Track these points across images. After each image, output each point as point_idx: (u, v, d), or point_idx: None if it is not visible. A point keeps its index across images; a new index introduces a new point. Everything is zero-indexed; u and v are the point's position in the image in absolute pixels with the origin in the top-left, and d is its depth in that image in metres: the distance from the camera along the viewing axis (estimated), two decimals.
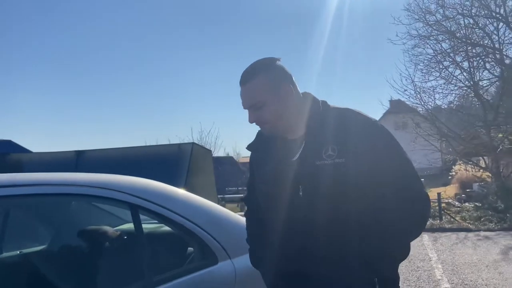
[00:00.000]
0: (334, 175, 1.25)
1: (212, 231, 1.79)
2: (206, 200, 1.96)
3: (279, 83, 1.33)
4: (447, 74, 14.47)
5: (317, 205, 1.27)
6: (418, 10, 14.77)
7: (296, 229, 1.31)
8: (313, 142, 1.32)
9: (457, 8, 14.27)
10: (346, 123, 1.31)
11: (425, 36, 14.99)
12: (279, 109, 1.33)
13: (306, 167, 1.30)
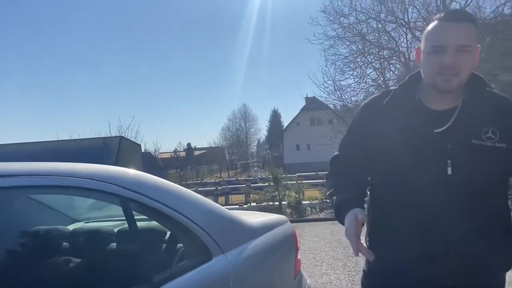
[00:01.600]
0: (492, 160, 1.18)
1: (205, 226, 1.63)
2: (195, 192, 1.78)
3: (478, 42, 1.23)
4: (360, 72, 15.57)
5: (467, 188, 1.18)
6: (333, 12, 15.68)
7: (437, 209, 1.20)
8: (469, 118, 1.22)
9: (368, 12, 15.44)
10: (510, 109, 1.24)
11: (340, 38, 15.99)
12: (472, 66, 1.23)
13: (458, 143, 1.20)
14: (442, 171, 1.18)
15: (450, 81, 1.19)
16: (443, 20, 1.21)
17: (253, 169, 45.52)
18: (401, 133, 1.26)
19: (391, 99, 1.34)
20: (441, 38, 1.19)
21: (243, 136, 65.25)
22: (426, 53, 1.24)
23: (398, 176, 1.26)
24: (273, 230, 2.08)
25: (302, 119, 39.66)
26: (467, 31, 1.19)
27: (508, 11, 14.71)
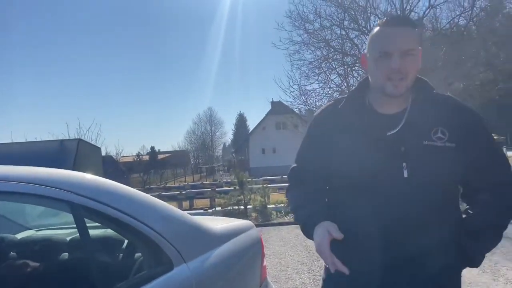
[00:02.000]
0: (444, 159, 1.20)
1: (165, 233, 1.53)
2: (155, 198, 1.68)
3: (420, 43, 1.27)
4: (324, 78, 15.83)
5: (422, 189, 1.19)
6: (298, 18, 15.88)
7: (394, 212, 1.20)
8: (419, 119, 1.24)
9: (332, 19, 15.75)
10: (457, 110, 1.27)
11: (305, 43, 16.22)
12: (418, 68, 1.26)
13: (411, 145, 1.22)
14: (399, 174, 1.20)
15: (398, 86, 1.22)
16: (386, 25, 1.24)
17: (218, 173, 45.17)
18: (355, 138, 1.27)
19: (345, 104, 1.36)
20: (386, 44, 1.22)
21: (208, 139, 64.75)
22: (373, 59, 1.26)
23: (356, 182, 1.25)
24: (239, 236, 2.00)
25: (268, 123, 39.86)
26: (410, 35, 1.22)
27: (463, 22, 15.51)
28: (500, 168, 1.28)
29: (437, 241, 1.21)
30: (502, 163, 1.29)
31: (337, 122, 1.34)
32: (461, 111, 1.27)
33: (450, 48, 13.93)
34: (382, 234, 1.21)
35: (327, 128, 1.36)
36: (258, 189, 10.28)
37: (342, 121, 1.32)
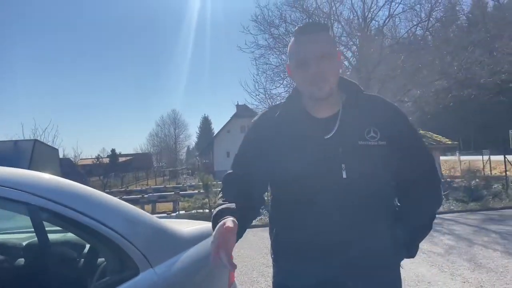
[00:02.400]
0: (378, 157, 1.25)
1: (130, 237, 1.47)
2: (118, 199, 1.61)
3: (336, 46, 1.34)
4: (289, 82, 16.00)
5: (361, 188, 1.23)
6: (264, 22, 16.01)
7: (334, 211, 1.22)
8: (352, 121, 1.29)
9: (297, 24, 15.98)
10: (384, 109, 1.34)
11: (269, 47, 16.36)
12: (337, 70, 1.32)
13: (347, 146, 1.26)
14: (338, 176, 1.23)
15: (322, 88, 1.27)
16: (299, 34, 1.31)
17: (182, 176, 44.51)
18: (294, 143, 1.30)
19: (282, 111, 1.38)
20: (301, 52, 1.27)
21: (172, 142, 63.77)
22: (294, 68, 1.32)
23: (298, 186, 1.27)
24: (206, 240, 1.95)
25: (233, 127, 39.77)
26: (323, 40, 1.28)
27: (420, 32, 16.23)
28: (426, 163, 1.37)
29: (376, 234, 1.27)
30: (427, 158, 1.37)
31: (275, 129, 1.35)
32: (389, 110, 1.35)
33: (408, 56, 14.53)
34: (323, 233, 1.24)
35: (266, 134, 1.37)
36: None
37: (280, 128, 1.35)
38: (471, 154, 26.01)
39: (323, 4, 15.92)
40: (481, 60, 14.68)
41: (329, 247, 1.24)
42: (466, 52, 14.76)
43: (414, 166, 1.32)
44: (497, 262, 4.96)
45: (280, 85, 16.15)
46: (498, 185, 11.27)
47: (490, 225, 7.27)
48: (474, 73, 14.64)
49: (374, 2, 15.73)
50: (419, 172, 1.33)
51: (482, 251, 5.49)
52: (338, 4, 15.90)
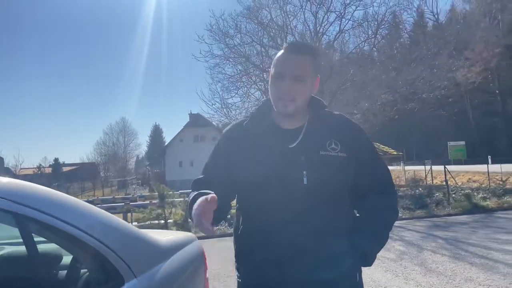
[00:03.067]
0: (338, 167, 1.34)
1: (115, 246, 1.45)
2: (98, 208, 1.58)
3: (317, 72, 1.43)
4: (245, 91, 16.15)
5: (320, 194, 1.31)
6: (219, 32, 16.05)
7: (295, 215, 1.29)
8: (315, 133, 1.40)
9: (252, 36, 16.22)
10: (344, 124, 1.45)
11: (224, 57, 16.43)
12: (308, 94, 1.41)
13: (309, 155, 1.34)
14: (299, 182, 1.31)
15: (287, 106, 1.36)
16: (286, 51, 1.38)
17: (131, 186, 43.08)
18: (260, 151, 1.38)
19: (250, 121, 1.47)
20: (281, 67, 1.36)
21: (121, 151, 61.65)
22: (271, 78, 1.41)
23: (262, 191, 1.35)
24: (184, 249, 1.95)
25: (186, 136, 39.27)
26: (303, 64, 1.36)
27: (367, 48, 17.11)
28: (383, 176, 1.47)
29: (334, 241, 1.33)
30: (384, 172, 1.48)
31: (244, 138, 1.44)
32: (349, 126, 1.46)
33: (356, 70, 15.24)
34: (285, 234, 1.30)
35: (235, 142, 1.45)
36: (180, 202, 10.04)
37: (249, 137, 1.43)
38: (414, 164, 27.61)
39: (277, 17, 16.30)
40: (423, 76, 15.67)
41: (288, 251, 1.30)
42: (409, 68, 15.73)
43: (372, 178, 1.42)
44: (446, 266, 5.31)
45: (235, 94, 16.26)
46: (439, 193, 12.05)
47: (437, 231, 7.76)
48: (416, 88, 15.64)
49: (325, 17, 16.35)
50: (376, 184, 1.43)
51: (431, 256, 5.85)
52: (291, 18, 16.36)
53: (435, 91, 15.68)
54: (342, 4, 15.77)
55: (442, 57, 17.07)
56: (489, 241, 6.59)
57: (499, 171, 15.44)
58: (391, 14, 17.48)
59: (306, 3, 15.98)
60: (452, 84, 20.01)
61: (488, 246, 6.25)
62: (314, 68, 1.39)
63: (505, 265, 5.11)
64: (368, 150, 1.45)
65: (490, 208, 10.27)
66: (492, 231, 7.56)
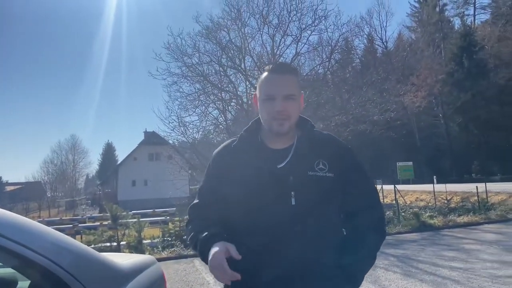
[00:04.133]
0: (326, 188, 1.35)
1: (74, 271, 1.39)
2: (56, 230, 1.51)
3: (301, 90, 1.47)
4: (202, 110, 16.11)
5: (308, 214, 1.32)
6: (177, 50, 15.99)
7: (283, 236, 1.30)
8: (304, 154, 1.41)
9: (211, 55, 16.32)
10: (333, 144, 1.47)
11: (182, 76, 16.36)
12: (298, 111, 1.45)
13: (298, 175, 1.35)
14: (287, 202, 1.32)
15: (283, 124, 1.39)
16: (271, 72, 1.43)
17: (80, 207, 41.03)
18: (249, 171, 1.39)
19: (239, 142, 1.49)
20: (271, 89, 1.40)
21: (70, 170, 58.74)
22: (261, 101, 1.44)
23: (251, 212, 1.35)
24: (144, 272, 1.90)
25: (140, 154, 38.22)
26: (291, 82, 1.41)
27: (321, 71, 17.77)
28: (371, 197, 1.48)
29: (321, 260, 1.33)
30: (372, 193, 1.50)
31: (233, 159, 1.46)
32: (338, 146, 1.48)
33: (311, 92, 15.74)
34: (273, 253, 1.30)
35: (224, 164, 1.48)
36: (133, 223, 9.69)
37: (237, 158, 1.45)
38: None
39: (236, 38, 16.56)
40: (373, 99, 16.45)
41: (277, 273, 1.29)
42: (361, 91, 16.48)
43: (359, 198, 1.43)
44: (398, 283, 5.49)
45: (193, 113, 16.18)
46: (390, 212, 12.52)
47: (389, 249, 8.01)
48: (368, 110, 16.36)
49: (282, 40, 16.84)
50: (363, 205, 1.44)
51: (384, 274, 6.03)
52: (250, 40, 16.69)
53: (385, 113, 16.48)
54: (298, 29, 16.36)
55: (390, 82, 18.08)
56: (437, 258, 6.91)
57: (444, 190, 16.34)
58: (343, 40, 18.36)
59: (264, 26, 16.41)
60: (400, 108, 21.21)
61: (436, 263, 6.55)
62: (299, 85, 1.45)
63: (452, 281, 5.37)
64: (355, 170, 1.45)
65: (436, 226, 10.79)
66: (439, 248, 7.93)
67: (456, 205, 13.55)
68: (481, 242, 8.21)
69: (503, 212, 11.98)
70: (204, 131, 16.72)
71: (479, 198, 13.29)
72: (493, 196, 15.14)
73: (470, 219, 11.39)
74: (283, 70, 1.43)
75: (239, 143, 1.49)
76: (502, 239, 8.53)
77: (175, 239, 9.81)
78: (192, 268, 7.41)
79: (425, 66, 36.64)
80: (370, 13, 43.69)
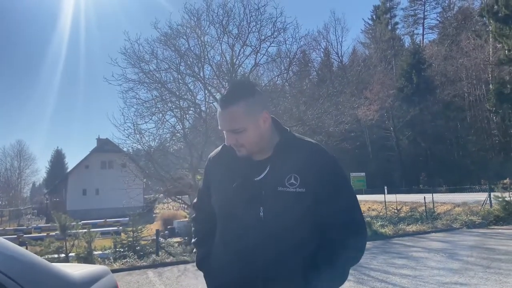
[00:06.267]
0: (294, 203, 1.34)
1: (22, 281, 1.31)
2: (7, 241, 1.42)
3: (259, 111, 1.38)
4: (160, 117, 15.78)
5: (275, 228, 1.33)
6: (134, 56, 15.59)
7: (252, 246, 1.34)
8: (277, 168, 1.39)
9: (169, 62, 16.08)
10: (310, 156, 1.40)
11: (139, 82, 15.98)
12: (257, 135, 1.39)
13: (268, 190, 1.37)
14: (256, 215, 1.35)
15: (240, 151, 1.40)
16: (219, 106, 1.41)
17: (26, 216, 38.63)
18: (229, 181, 1.42)
19: (221, 151, 1.54)
20: (220, 124, 1.42)
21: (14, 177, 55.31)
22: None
23: (225, 218, 1.44)
24: (97, 283, 1.82)
25: (92, 162, 36.75)
26: (234, 115, 1.35)
27: (279, 82, 18.07)
28: (348, 209, 1.40)
29: (287, 274, 1.33)
30: (348, 206, 1.40)
31: (219, 166, 1.51)
32: (315, 156, 1.40)
33: (270, 103, 15.93)
34: (242, 260, 1.35)
35: (211, 169, 1.56)
36: (83, 234, 9.26)
37: (222, 166, 1.49)
38: None
39: (195, 46, 16.45)
40: (329, 111, 16.91)
41: (243, 268, 1.34)
42: (317, 103, 16.90)
43: (333, 213, 1.36)
44: None
45: (149, 120, 15.79)
46: None
47: None
48: (324, 122, 16.78)
49: (241, 50, 16.94)
50: (339, 220, 1.36)
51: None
52: (209, 48, 16.63)
53: (340, 125, 16.96)
54: (257, 40, 16.51)
55: (345, 95, 18.72)
56: (388, 266, 7.18)
57: (394, 200, 17.04)
58: (301, 52, 18.82)
59: (224, 35, 16.41)
60: (354, 120, 21.96)
61: (387, 270, 6.80)
62: (251, 111, 1.36)
63: None
64: (331, 183, 1.38)
65: (387, 235, 11.22)
66: (390, 256, 8.25)
67: (405, 214, 14.21)
68: (428, 250, 8.62)
69: (448, 222, 12.70)
70: (160, 139, 16.38)
71: (426, 208, 14.00)
72: (439, 206, 15.99)
73: (418, 228, 11.97)
74: (226, 104, 1.36)
75: (221, 152, 1.53)
76: (447, 247, 9.02)
77: (127, 250, 9.48)
78: (145, 279, 7.21)
79: (377, 80, 38.34)
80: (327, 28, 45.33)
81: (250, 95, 1.37)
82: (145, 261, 8.84)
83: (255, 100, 1.37)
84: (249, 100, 1.36)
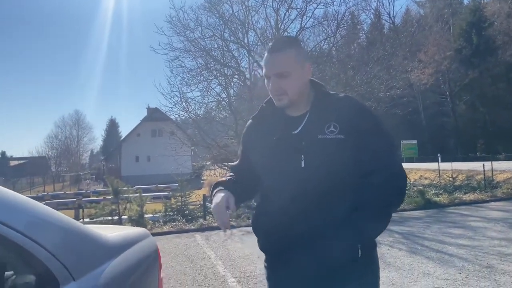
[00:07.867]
0: (335, 149, 1.38)
1: (49, 244, 1.24)
2: (32, 199, 1.36)
3: (305, 60, 1.51)
4: (205, 86, 15.84)
5: (317, 176, 1.37)
6: (179, 24, 15.59)
7: (295, 197, 1.38)
8: (316, 118, 1.46)
9: (213, 29, 15.91)
10: (347, 105, 1.47)
11: (185, 50, 16.01)
12: (300, 83, 1.47)
13: (308, 139, 1.43)
14: (297, 165, 1.41)
15: (281, 100, 1.47)
16: (267, 51, 1.49)
17: (85, 181, 41.32)
18: (268, 139, 1.50)
19: (259, 113, 1.62)
20: (265, 68, 1.48)
21: (74, 145, 58.95)
22: (264, 78, 1.52)
23: (268, 176, 1.51)
24: (134, 246, 1.76)
25: (143, 130, 38.20)
26: (284, 59, 1.44)
27: (326, 46, 17.34)
28: (387, 153, 1.46)
29: (332, 219, 1.36)
30: (387, 150, 1.47)
31: (256, 127, 1.61)
32: (351, 107, 1.48)
33: (316, 68, 15.39)
34: (287, 211, 1.40)
35: (250, 132, 1.65)
36: (135, 197, 9.64)
37: (260, 126, 1.59)
38: None
39: (239, 11, 16.10)
40: (379, 76, 16.09)
41: (289, 219, 1.39)
42: (367, 68, 16.11)
43: (375, 159, 1.41)
44: (403, 260, 5.39)
45: (195, 88, 15.90)
46: None
47: (393, 226, 7.87)
48: (373, 87, 16.02)
49: (286, 14, 16.35)
50: (380, 165, 1.41)
51: (389, 251, 5.94)
52: (253, 13, 16.22)
53: (391, 91, 16.15)
54: (303, 2, 15.83)
55: (397, 58, 17.63)
56: (443, 236, 6.82)
57: (448, 168, 16.19)
58: (350, 14, 17.83)
59: None
60: (406, 85, 20.77)
61: (443, 240, 6.46)
62: (297, 58, 1.45)
63: (460, 259, 5.28)
64: (368, 129, 1.43)
65: (442, 204, 10.70)
66: (445, 225, 7.83)
67: (461, 183, 13.44)
68: (487, 220, 8.12)
69: (509, 190, 11.88)
70: (206, 107, 16.49)
71: (485, 176, 13.15)
72: (499, 175, 15.01)
73: (476, 197, 11.30)
74: (276, 48, 1.46)
75: (260, 113, 1.61)
76: (508, 216, 8.44)
77: (177, 214, 9.79)
78: (193, 242, 7.40)
79: (433, 42, 35.83)
80: None
81: (298, 45, 1.51)
82: (193, 224, 9.09)
83: (302, 50, 1.50)
84: (298, 48, 1.49)
